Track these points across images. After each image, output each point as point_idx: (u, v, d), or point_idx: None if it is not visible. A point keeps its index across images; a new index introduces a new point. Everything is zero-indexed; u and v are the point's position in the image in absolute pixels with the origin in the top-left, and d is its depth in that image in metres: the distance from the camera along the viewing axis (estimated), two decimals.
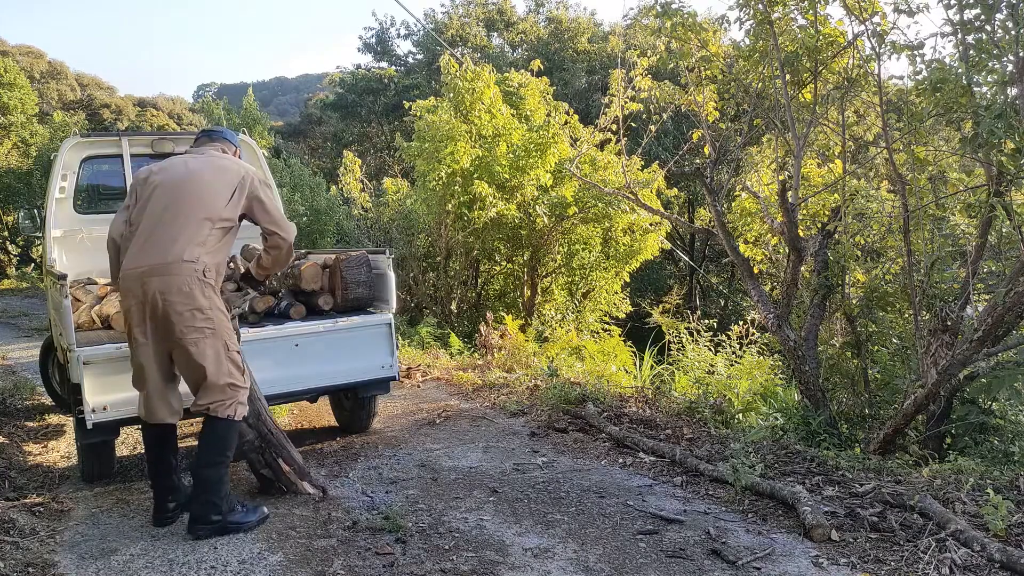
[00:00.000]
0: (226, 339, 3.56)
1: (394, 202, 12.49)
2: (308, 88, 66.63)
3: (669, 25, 5.74)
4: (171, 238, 3.49)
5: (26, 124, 22.95)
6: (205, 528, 3.49)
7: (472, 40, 28.29)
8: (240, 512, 3.61)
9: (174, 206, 3.56)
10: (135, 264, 3.50)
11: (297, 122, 36.68)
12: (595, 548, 3.34)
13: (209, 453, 3.53)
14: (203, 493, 3.50)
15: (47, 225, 5.47)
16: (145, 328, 3.48)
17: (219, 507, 3.51)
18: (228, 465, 3.60)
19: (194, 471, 3.55)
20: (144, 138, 5.89)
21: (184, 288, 3.43)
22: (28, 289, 18.65)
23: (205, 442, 3.55)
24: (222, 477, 3.54)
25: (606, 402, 5.79)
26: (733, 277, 19.75)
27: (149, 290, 3.42)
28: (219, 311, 3.55)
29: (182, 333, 3.44)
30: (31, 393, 6.75)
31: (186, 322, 3.44)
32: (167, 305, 3.41)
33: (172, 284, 3.42)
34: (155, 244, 3.49)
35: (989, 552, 2.96)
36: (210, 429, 3.55)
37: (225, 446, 3.56)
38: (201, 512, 3.50)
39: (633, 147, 10.02)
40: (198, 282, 3.47)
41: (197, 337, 3.45)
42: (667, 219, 9.04)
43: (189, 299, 3.44)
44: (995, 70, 4.10)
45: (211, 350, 3.49)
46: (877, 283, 5.57)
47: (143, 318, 3.47)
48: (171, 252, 3.46)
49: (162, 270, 3.44)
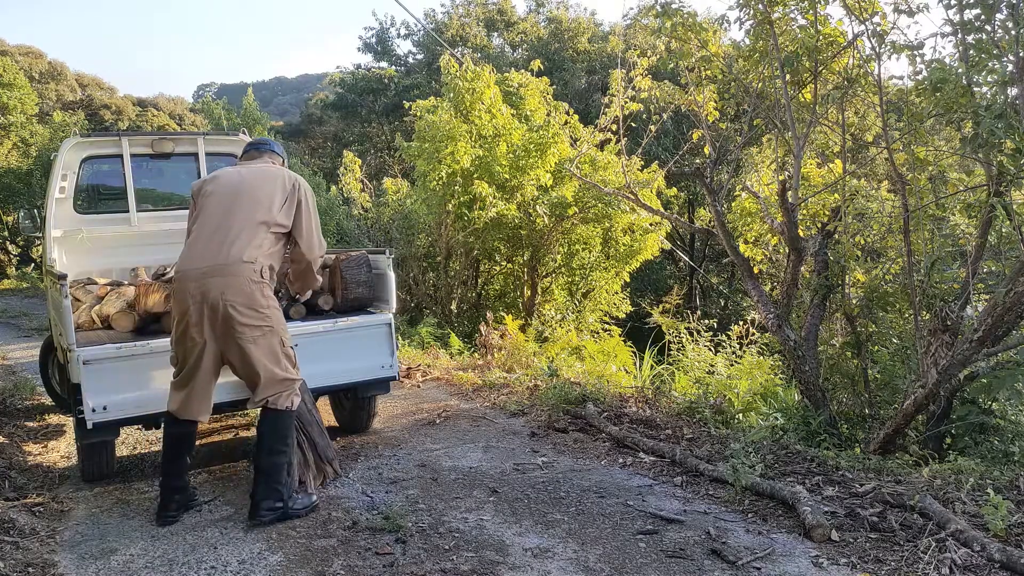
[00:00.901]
0: (281, 335, 3.74)
1: (394, 202, 12.49)
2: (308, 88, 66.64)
3: (669, 25, 5.74)
4: (230, 240, 3.64)
5: (26, 124, 22.96)
6: (268, 514, 3.64)
7: (472, 40, 28.28)
8: (298, 499, 3.78)
9: (231, 211, 3.73)
10: (193, 265, 3.63)
11: (297, 122, 36.65)
12: (595, 548, 3.34)
13: (271, 443, 3.71)
14: (266, 481, 3.67)
15: (47, 225, 5.47)
16: (203, 328, 3.60)
17: (281, 494, 3.69)
18: (288, 453, 3.78)
19: (256, 461, 3.72)
20: (144, 138, 5.89)
21: (245, 288, 3.59)
22: (28, 289, 18.64)
23: (266, 433, 3.73)
24: (283, 465, 3.72)
25: (606, 402, 5.79)
26: (733, 277, 19.75)
27: (210, 291, 3.55)
28: (275, 309, 3.74)
29: (242, 331, 3.59)
30: (31, 393, 6.75)
31: (246, 320, 3.59)
32: (227, 305, 3.55)
33: (232, 284, 3.57)
34: (214, 246, 3.64)
35: (989, 552, 2.96)
36: (270, 420, 3.73)
37: (285, 435, 3.75)
38: (265, 498, 3.65)
39: (633, 147, 10.02)
40: (256, 282, 3.63)
41: (257, 335, 3.62)
42: (667, 219, 9.04)
43: (249, 299, 3.59)
44: (995, 70, 4.10)
45: (269, 347, 3.66)
46: (877, 283, 5.57)
47: (201, 318, 3.58)
48: (231, 254, 3.61)
49: (222, 271, 3.58)
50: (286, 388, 3.73)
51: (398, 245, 11.54)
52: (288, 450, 3.77)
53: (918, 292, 4.74)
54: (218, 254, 3.62)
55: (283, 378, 3.71)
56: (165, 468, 3.83)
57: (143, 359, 4.09)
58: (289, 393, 3.74)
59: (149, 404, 4.04)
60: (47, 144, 21.14)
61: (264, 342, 3.64)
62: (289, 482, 3.77)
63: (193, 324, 3.60)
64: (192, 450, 3.88)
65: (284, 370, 3.72)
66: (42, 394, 6.48)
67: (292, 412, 3.78)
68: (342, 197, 14.49)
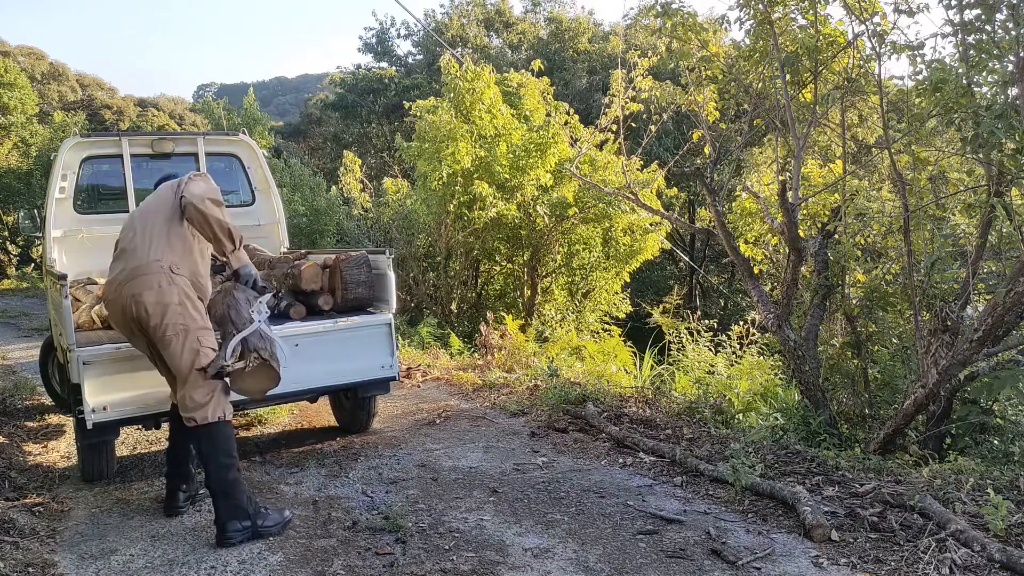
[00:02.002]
0: (199, 336, 3.53)
1: (394, 202, 12.49)
2: (308, 88, 66.60)
3: (669, 25, 5.74)
4: (143, 247, 3.60)
5: (26, 124, 22.96)
6: (237, 535, 3.46)
7: (472, 40, 28.28)
8: (267, 515, 3.59)
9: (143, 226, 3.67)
10: (114, 275, 3.65)
11: (297, 122, 36.62)
12: (595, 548, 3.34)
13: (215, 459, 3.49)
14: (225, 500, 3.47)
15: (47, 225, 5.47)
16: (130, 331, 3.62)
17: (246, 511, 3.49)
18: (237, 466, 3.56)
19: (208, 483, 3.52)
20: (144, 138, 5.90)
21: (154, 287, 3.48)
22: (28, 289, 18.64)
23: (206, 452, 3.51)
24: (236, 480, 3.51)
25: (606, 402, 5.79)
26: (733, 277, 19.74)
27: (124, 294, 3.52)
28: (192, 309, 3.54)
29: (154, 332, 3.49)
30: (31, 393, 6.75)
31: (155, 321, 3.46)
32: (137, 305, 3.48)
33: (143, 284, 3.49)
34: (128, 255, 3.63)
35: (989, 552, 2.96)
36: (206, 436, 3.50)
37: (228, 447, 3.53)
38: (230, 519, 3.46)
39: (633, 147, 10.02)
40: (168, 281, 3.50)
41: (170, 335, 3.47)
42: (667, 219, 9.04)
43: (159, 296, 3.47)
44: (995, 70, 4.09)
45: (185, 350, 3.47)
46: (877, 283, 5.57)
47: (124, 322, 3.60)
48: (142, 258, 3.57)
49: (135, 272, 3.54)
50: (210, 396, 3.48)
51: (398, 245, 11.54)
52: (236, 461, 3.55)
53: (918, 292, 4.74)
54: (129, 261, 3.56)
55: (203, 384, 3.47)
56: (169, 455, 3.89)
57: (143, 359, 4.06)
58: (216, 402, 3.49)
59: (149, 404, 4.05)
60: (47, 144, 21.15)
61: (179, 343, 3.46)
62: (252, 497, 3.60)
63: (125, 331, 3.66)
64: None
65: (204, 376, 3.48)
66: (42, 394, 6.48)
67: (227, 421, 3.54)
68: (342, 197, 14.49)
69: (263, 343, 3.63)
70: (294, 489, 4.20)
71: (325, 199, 14.40)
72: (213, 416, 3.47)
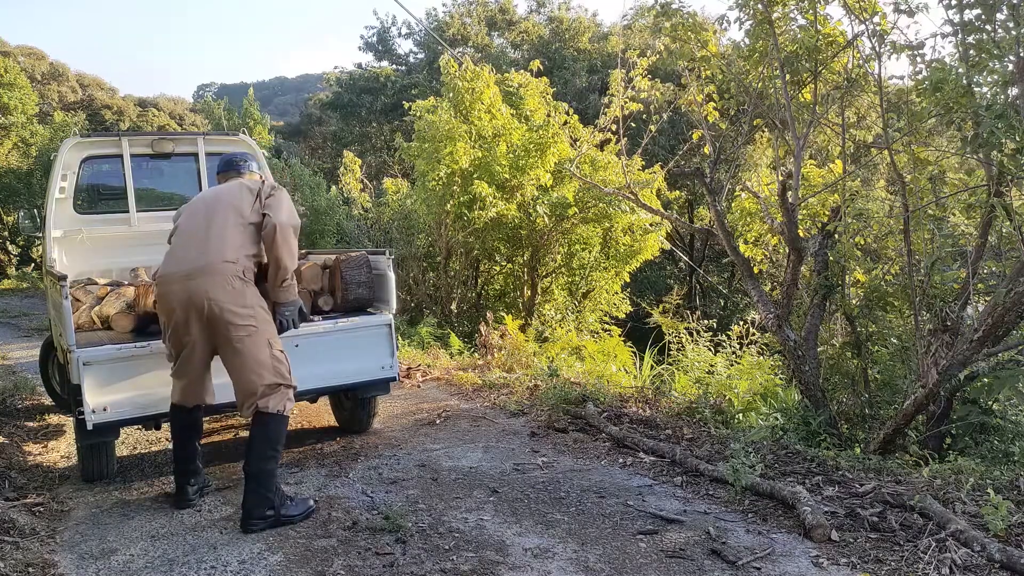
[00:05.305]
0: (269, 337, 3.71)
1: (394, 202, 12.49)
2: (308, 88, 66.54)
3: (669, 25, 5.74)
4: (210, 244, 3.70)
5: (26, 124, 22.97)
6: (260, 523, 3.61)
7: (473, 39, 28.27)
8: (291, 505, 3.73)
9: (210, 220, 3.79)
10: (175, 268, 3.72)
11: (297, 122, 36.65)
12: (595, 548, 3.34)
13: (261, 448, 3.65)
14: (256, 488, 3.62)
15: (47, 225, 5.47)
16: (190, 328, 3.67)
17: (272, 501, 3.64)
18: (279, 460, 3.73)
19: (247, 467, 3.66)
20: (144, 138, 5.90)
21: (227, 287, 3.61)
22: (28, 289, 18.65)
23: (257, 437, 3.67)
24: (273, 471, 3.67)
25: (606, 402, 5.79)
26: (733, 277, 19.74)
27: (195, 292, 3.61)
28: (261, 310, 3.73)
29: (228, 331, 3.60)
30: (31, 393, 6.75)
31: (232, 320, 3.60)
32: (213, 304, 3.59)
33: (216, 284, 3.61)
34: (194, 251, 3.72)
35: (989, 552, 2.96)
36: (262, 424, 3.66)
37: (276, 441, 3.69)
38: (255, 507, 3.61)
39: (633, 147, 10.02)
40: (240, 282, 3.66)
41: (243, 335, 3.62)
42: (667, 219, 9.04)
43: (233, 298, 3.62)
44: (995, 70, 4.09)
45: (257, 348, 3.65)
46: (877, 283, 5.57)
47: (187, 319, 3.65)
48: (211, 256, 3.67)
49: (204, 271, 3.63)
50: (277, 391, 3.67)
51: (398, 245, 11.53)
52: (278, 456, 3.72)
53: (918, 292, 4.74)
54: (199, 257, 3.66)
55: (273, 381, 3.66)
56: (176, 455, 3.94)
57: (143, 360, 4.09)
58: (281, 397, 3.68)
59: (149, 405, 4.05)
60: (47, 144, 21.15)
61: (251, 342, 3.63)
62: (279, 488, 3.73)
63: (181, 325, 3.67)
64: (200, 435, 3.96)
65: (274, 372, 3.67)
66: (42, 394, 6.48)
67: (285, 416, 3.72)
68: (342, 197, 14.49)
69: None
70: (294, 489, 4.19)
71: (325, 199, 14.41)
72: (275, 408, 3.65)
